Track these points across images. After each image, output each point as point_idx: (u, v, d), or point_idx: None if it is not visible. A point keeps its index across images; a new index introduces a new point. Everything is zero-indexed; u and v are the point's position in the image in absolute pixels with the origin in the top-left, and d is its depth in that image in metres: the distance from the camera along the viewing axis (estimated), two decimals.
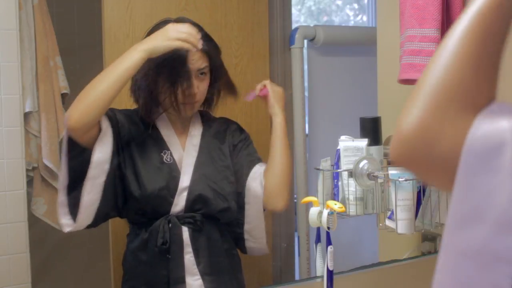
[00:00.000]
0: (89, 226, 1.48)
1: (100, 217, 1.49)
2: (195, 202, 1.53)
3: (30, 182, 1.67)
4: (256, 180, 1.59)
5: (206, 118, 1.63)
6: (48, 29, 1.71)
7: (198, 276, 1.52)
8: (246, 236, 1.62)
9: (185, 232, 1.52)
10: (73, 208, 1.44)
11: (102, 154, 1.43)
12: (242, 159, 1.62)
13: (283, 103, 1.64)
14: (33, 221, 1.64)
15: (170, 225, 1.50)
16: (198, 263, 1.52)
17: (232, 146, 1.63)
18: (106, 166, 1.44)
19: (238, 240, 1.64)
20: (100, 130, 1.43)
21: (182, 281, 1.51)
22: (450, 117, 0.61)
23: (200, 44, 1.45)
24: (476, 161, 0.57)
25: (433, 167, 0.63)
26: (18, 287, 1.59)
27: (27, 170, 1.64)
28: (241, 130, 1.67)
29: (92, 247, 1.86)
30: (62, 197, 1.44)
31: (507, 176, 0.55)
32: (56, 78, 1.73)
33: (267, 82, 1.64)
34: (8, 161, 1.56)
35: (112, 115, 1.49)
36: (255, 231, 1.62)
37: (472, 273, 0.56)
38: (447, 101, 0.61)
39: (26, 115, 1.63)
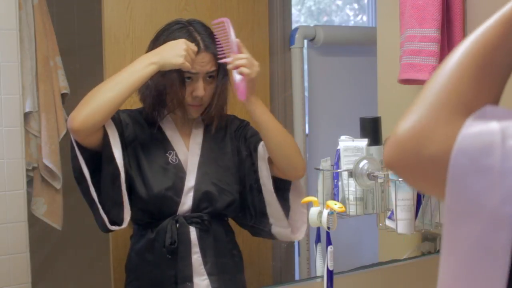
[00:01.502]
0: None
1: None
2: (201, 200, 1.53)
3: (30, 182, 1.67)
4: (264, 159, 1.57)
5: (206, 116, 1.63)
6: (48, 29, 1.71)
7: (205, 276, 1.53)
8: (271, 220, 1.60)
9: (193, 232, 1.52)
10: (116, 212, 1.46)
11: (118, 154, 1.45)
12: (247, 143, 1.62)
13: (254, 87, 1.53)
14: (33, 221, 1.64)
15: (177, 225, 1.51)
16: (205, 263, 1.53)
17: (234, 135, 1.63)
18: (122, 164, 1.46)
19: (265, 229, 1.62)
20: (106, 133, 1.44)
21: (190, 281, 1.51)
22: (443, 119, 0.62)
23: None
24: (466, 161, 0.59)
25: (422, 170, 0.63)
26: (18, 287, 1.59)
27: (27, 170, 1.64)
28: (238, 119, 1.67)
29: (92, 247, 1.85)
30: (102, 213, 1.45)
31: (497, 176, 0.57)
32: (56, 78, 1.73)
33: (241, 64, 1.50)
34: (8, 161, 1.56)
35: (115, 116, 1.50)
36: (275, 212, 1.60)
37: (468, 267, 0.59)
38: (443, 104, 0.63)
39: (26, 115, 1.63)
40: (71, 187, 1.54)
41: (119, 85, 1.42)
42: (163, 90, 1.51)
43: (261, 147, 1.58)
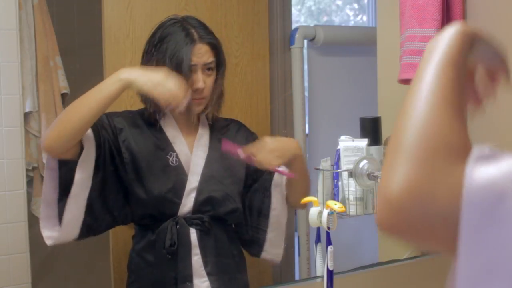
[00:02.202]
0: (77, 239, 1.48)
1: (89, 230, 1.49)
2: (203, 203, 1.52)
3: (30, 182, 1.67)
4: (279, 186, 1.60)
5: (213, 119, 1.61)
6: (48, 29, 1.71)
7: (206, 278, 1.52)
8: (266, 247, 1.63)
9: (193, 233, 1.51)
10: (60, 220, 1.45)
11: (84, 173, 1.42)
12: (257, 178, 1.62)
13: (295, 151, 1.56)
14: (33, 221, 1.64)
15: (178, 226, 1.50)
16: (205, 265, 1.52)
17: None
18: (89, 183, 1.44)
19: (255, 247, 1.64)
20: (83, 147, 1.42)
21: (190, 282, 1.50)
22: (439, 169, 0.57)
23: (181, 105, 1.41)
24: (478, 214, 0.54)
25: (432, 228, 0.57)
26: (18, 287, 1.59)
27: (27, 170, 1.64)
28: (247, 129, 1.67)
29: (92, 247, 1.85)
30: (49, 211, 1.44)
31: None
32: (56, 78, 1.73)
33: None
34: (8, 161, 1.56)
35: (107, 122, 1.48)
36: (278, 236, 1.62)
37: None
38: (432, 152, 0.58)
39: (26, 115, 1.63)
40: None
41: (87, 105, 1.38)
42: None
43: (273, 186, 1.60)
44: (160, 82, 1.39)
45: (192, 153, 1.55)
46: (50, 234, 1.45)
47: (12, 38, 1.56)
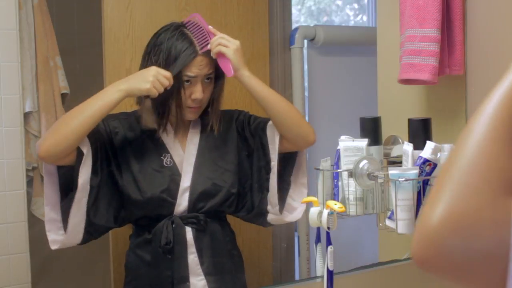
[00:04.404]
0: (80, 243, 1.51)
1: (91, 234, 1.51)
2: (197, 200, 1.53)
3: (30, 182, 1.67)
4: (276, 135, 1.58)
5: (202, 115, 1.62)
6: (48, 29, 1.71)
7: (202, 277, 1.53)
8: (269, 207, 1.61)
9: (189, 232, 1.52)
10: (64, 223, 1.46)
11: (84, 178, 1.44)
12: (253, 127, 1.62)
13: (242, 58, 1.54)
14: (33, 221, 1.64)
15: (173, 225, 1.51)
16: (202, 263, 1.53)
17: (236, 126, 1.63)
18: (88, 187, 1.45)
19: (262, 217, 1.63)
20: (81, 153, 1.43)
21: (186, 281, 1.51)
22: (486, 202, 0.52)
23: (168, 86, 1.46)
24: None
25: (474, 265, 0.53)
26: (18, 287, 1.59)
27: (27, 170, 1.64)
28: (237, 110, 1.67)
29: (92, 247, 1.85)
30: (52, 214, 1.46)
31: None
32: (56, 78, 1.73)
33: (221, 48, 1.51)
34: (8, 161, 1.56)
35: (103, 126, 1.50)
36: (272, 197, 1.61)
37: None
38: (482, 183, 0.53)
39: (26, 115, 1.63)
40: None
41: (85, 113, 1.41)
42: (163, 94, 1.50)
43: (269, 126, 1.59)
44: (151, 75, 1.44)
45: (185, 152, 1.56)
46: (55, 238, 1.47)
47: (12, 38, 1.56)
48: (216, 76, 1.56)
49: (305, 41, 2.35)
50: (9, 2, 1.55)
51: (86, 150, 1.44)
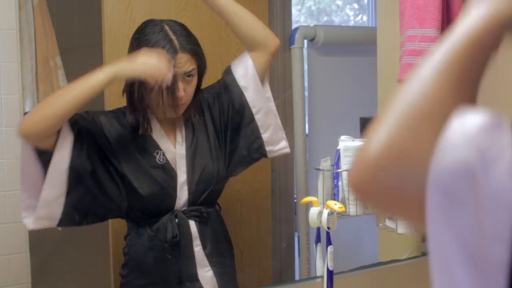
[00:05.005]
0: (69, 224, 1.47)
1: (76, 216, 1.46)
2: (198, 192, 1.55)
3: None
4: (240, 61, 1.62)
5: (186, 113, 1.60)
6: (48, 29, 1.71)
7: (209, 268, 1.56)
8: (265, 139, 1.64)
9: (193, 225, 1.54)
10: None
11: (60, 155, 1.40)
12: (222, 82, 1.65)
13: None
14: None
15: (177, 220, 1.52)
16: (207, 255, 1.55)
17: (214, 101, 1.64)
18: (65, 166, 1.41)
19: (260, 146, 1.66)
20: (61, 136, 1.40)
21: (194, 274, 1.53)
22: (426, 135, 0.53)
23: (166, 79, 1.42)
24: (442, 197, 0.50)
25: (405, 193, 0.53)
26: (18, 287, 1.59)
27: None
28: (207, 89, 1.65)
29: (92, 247, 1.85)
30: (31, 201, 1.41)
31: (480, 212, 0.48)
32: (56, 78, 1.73)
33: None
34: (8, 161, 1.56)
35: (94, 120, 1.48)
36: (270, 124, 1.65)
37: None
38: (424, 118, 0.54)
39: None
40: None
41: (70, 93, 1.38)
42: (143, 92, 1.49)
43: (233, 65, 1.63)
44: (143, 61, 1.41)
45: (176, 147, 1.56)
46: (28, 217, 1.42)
47: (12, 38, 1.56)
48: (200, 71, 1.54)
49: (305, 41, 2.35)
50: (9, 2, 1.55)
51: (65, 130, 1.41)
